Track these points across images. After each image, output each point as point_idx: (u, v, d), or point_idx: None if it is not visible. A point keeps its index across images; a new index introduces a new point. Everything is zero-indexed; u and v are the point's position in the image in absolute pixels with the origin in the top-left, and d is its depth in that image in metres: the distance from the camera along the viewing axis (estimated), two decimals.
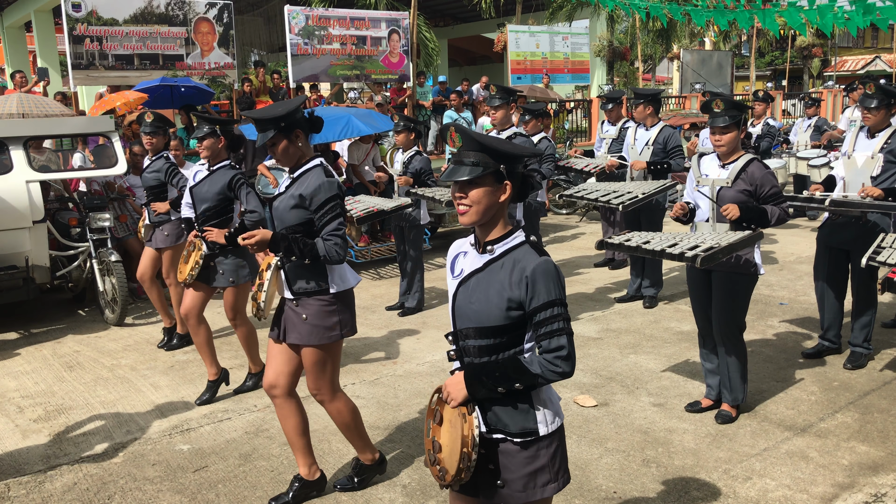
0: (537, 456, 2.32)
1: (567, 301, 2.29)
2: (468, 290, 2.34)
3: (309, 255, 3.41)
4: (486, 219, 2.29)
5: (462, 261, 2.42)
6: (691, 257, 3.98)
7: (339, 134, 8.43)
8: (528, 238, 2.33)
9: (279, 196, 3.56)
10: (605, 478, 3.92)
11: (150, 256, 6.15)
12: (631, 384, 5.15)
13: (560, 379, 2.25)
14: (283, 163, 3.50)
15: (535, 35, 16.84)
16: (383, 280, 8.33)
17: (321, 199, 3.42)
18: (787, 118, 18.78)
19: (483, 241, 2.34)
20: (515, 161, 2.29)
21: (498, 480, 2.33)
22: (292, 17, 13.17)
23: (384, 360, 5.78)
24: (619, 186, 6.36)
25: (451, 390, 2.33)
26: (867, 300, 5.33)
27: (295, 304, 3.55)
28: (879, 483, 3.80)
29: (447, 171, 2.29)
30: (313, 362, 3.61)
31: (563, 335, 2.23)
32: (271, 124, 3.42)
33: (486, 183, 2.25)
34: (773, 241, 9.61)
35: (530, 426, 2.31)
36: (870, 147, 5.20)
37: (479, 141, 2.24)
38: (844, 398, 4.83)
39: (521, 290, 2.23)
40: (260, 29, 22.07)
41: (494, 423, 2.33)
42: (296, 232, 3.50)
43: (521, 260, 2.26)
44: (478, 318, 2.30)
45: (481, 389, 2.28)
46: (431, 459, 2.41)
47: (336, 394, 3.72)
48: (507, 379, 2.25)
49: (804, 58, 33.99)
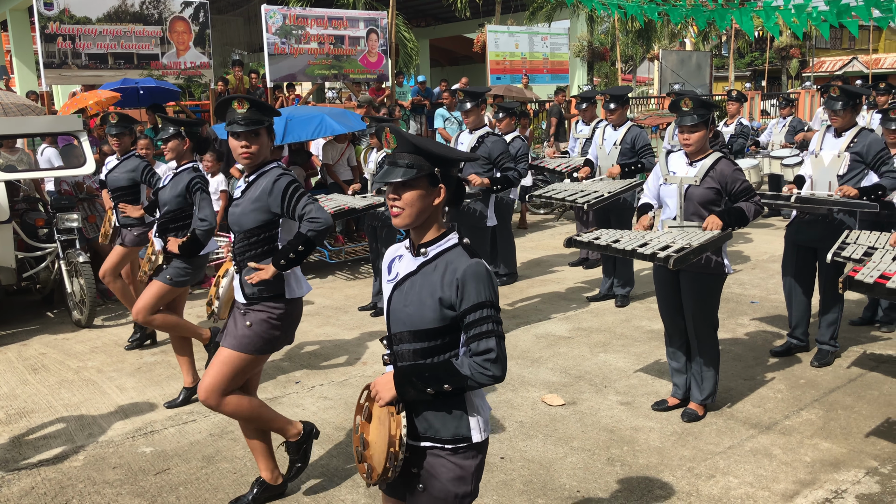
0: (464, 465, 2.30)
1: (540, 297, 2.28)
2: (402, 293, 2.32)
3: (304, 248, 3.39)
4: (420, 222, 2.27)
5: (397, 264, 2.40)
6: (663, 258, 3.98)
7: (313, 133, 8.38)
8: (461, 240, 2.31)
9: (236, 201, 3.53)
10: (570, 477, 3.91)
11: (119, 253, 6.08)
12: (599, 383, 5.15)
13: (491, 382, 2.22)
14: (256, 161, 3.44)
15: (515, 35, 16.86)
16: (357, 280, 8.30)
17: (282, 187, 3.39)
18: (765, 118, 18.90)
19: (417, 243, 2.32)
20: (450, 164, 2.27)
21: (419, 485, 2.31)
22: (269, 16, 13.11)
23: (354, 360, 5.74)
24: (587, 186, 6.37)
25: (380, 389, 2.31)
26: (834, 298, 5.36)
27: (243, 312, 3.50)
28: (840, 479, 3.82)
29: (381, 172, 2.28)
30: (228, 364, 3.46)
31: (493, 337, 2.20)
32: (270, 116, 3.39)
33: (419, 186, 2.23)
34: (747, 239, 9.67)
35: (463, 432, 2.29)
36: (836, 146, 5.24)
37: (413, 143, 2.22)
38: (810, 396, 4.85)
39: (453, 292, 2.21)
40: (240, 29, 21.97)
41: (425, 430, 2.30)
42: (254, 235, 3.46)
43: (453, 262, 2.25)
44: (412, 322, 2.28)
45: (410, 390, 2.25)
46: (359, 457, 2.39)
47: (224, 398, 3.51)
48: (436, 380, 2.23)
49: (783, 59, 34.26)
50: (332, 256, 8.68)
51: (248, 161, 3.42)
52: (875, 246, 4.55)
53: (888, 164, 5.11)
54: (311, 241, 3.39)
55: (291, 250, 3.39)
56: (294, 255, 3.39)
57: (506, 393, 4.98)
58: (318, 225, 3.37)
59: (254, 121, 3.34)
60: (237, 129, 3.33)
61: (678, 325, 4.62)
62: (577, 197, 5.89)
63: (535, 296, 7.35)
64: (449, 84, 16.14)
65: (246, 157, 3.40)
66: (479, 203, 6.18)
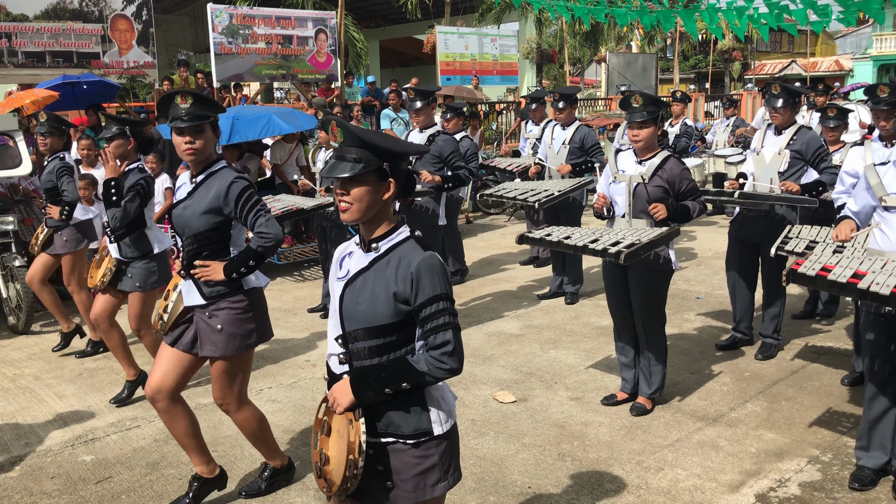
0: (428, 455, 2.27)
1: (491, 296, 2.26)
2: (355, 290, 2.27)
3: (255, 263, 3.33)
4: (369, 217, 2.23)
5: (348, 261, 2.35)
6: (614, 254, 4.01)
7: (260, 132, 8.25)
8: (413, 234, 2.28)
9: (181, 202, 3.43)
10: (521, 473, 3.91)
11: (43, 261, 5.89)
12: (550, 379, 5.17)
13: (448, 376, 2.20)
14: (200, 157, 3.34)
15: (464, 37, 16.90)
16: (307, 282, 8.20)
17: (236, 192, 3.31)
18: (709, 119, 19.31)
19: (367, 239, 2.28)
20: (399, 158, 2.24)
21: (388, 482, 2.27)
22: (216, 15, 12.86)
23: (303, 363, 5.66)
24: (537, 185, 6.41)
25: (337, 395, 2.26)
26: (776, 292, 5.49)
27: (208, 316, 3.41)
28: (784, 469, 3.90)
29: (328, 166, 2.22)
30: (223, 372, 3.47)
31: (449, 330, 2.18)
32: (215, 111, 3.31)
33: (368, 180, 2.19)
34: (692, 237, 9.85)
35: (424, 426, 2.26)
36: (777, 144, 5.36)
37: (361, 137, 2.17)
38: (754, 388, 4.95)
39: (407, 286, 2.18)
40: (186, 28, 21.53)
41: (386, 427, 2.27)
42: (205, 238, 3.38)
43: (406, 255, 2.21)
44: (366, 318, 2.23)
45: (368, 392, 2.21)
46: (318, 472, 2.32)
47: (243, 404, 3.59)
48: (393, 379, 2.19)
49: (725, 61, 35.12)
50: (281, 258, 8.56)
51: (191, 157, 3.33)
52: (816, 240, 4.68)
53: (827, 161, 5.26)
54: (261, 255, 3.34)
55: (242, 264, 3.34)
56: (245, 269, 3.35)
57: (457, 391, 4.96)
58: (268, 241, 3.33)
59: (197, 116, 3.25)
60: (180, 124, 3.25)
61: (627, 320, 4.67)
62: (528, 196, 5.92)
63: (486, 294, 7.36)
64: (399, 85, 16.10)
65: (190, 153, 3.31)
66: (430, 202, 6.16)
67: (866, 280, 3.24)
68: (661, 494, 3.68)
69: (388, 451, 2.27)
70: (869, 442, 3.74)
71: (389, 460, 2.27)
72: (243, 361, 3.53)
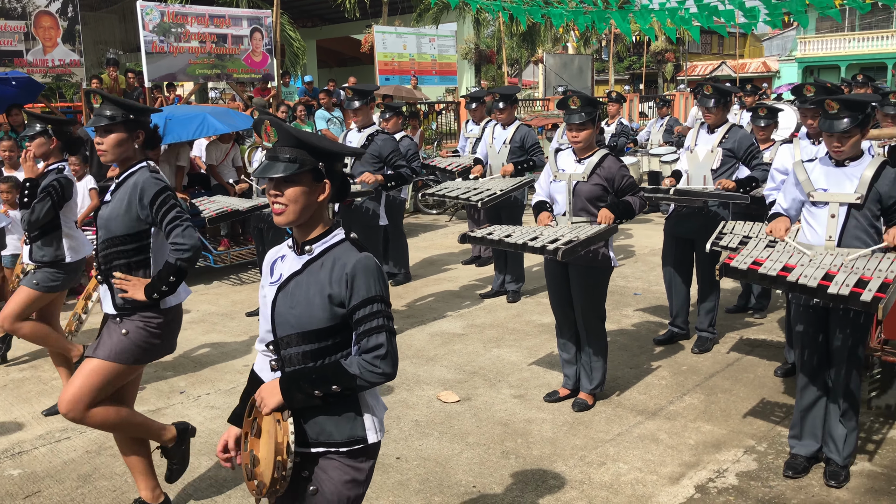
0: (359, 468, 2.24)
1: (434, 296, 2.24)
2: (288, 294, 2.21)
3: (175, 278, 3.19)
4: (304, 219, 2.18)
5: (280, 265, 2.29)
6: (552, 250, 4.05)
7: (194, 133, 8.05)
8: (348, 235, 2.24)
9: (105, 205, 3.32)
10: (466, 472, 3.90)
11: None
12: (493, 377, 5.18)
13: (381, 380, 2.16)
14: (109, 157, 3.25)
15: (402, 36, 16.85)
16: (244, 285, 8.03)
17: (150, 195, 3.20)
18: (643, 119, 19.72)
19: (301, 241, 2.23)
20: (334, 159, 2.19)
21: (311, 486, 2.22)
22: (146, 13, 12.49)
23: (242, 367, 5.54)
24: (478, 184, 6.43)
25: (265, 396, 2.20)
26: (711, 287, 5.62)
27: (118, 320, 3.28)
28: (721, 459, 3.99)
29: (261, 167, 2.15)
30: (98, 374, 3.22)
31: (383, 333, 2.13)
32: (121, 109, 3.20)
33: (303, 181, 2.13)
34: (629, 234, 10.03)
35: (358, 433, 2.22)
36: (710, 142, 5.50)
37: (296, 136, 2.12)
38: (692, 381, 5.05)
39: (342, 288, 2.14)
40: (115, 26, 20.90)
41: (318, 435, 2.22)
42: (123, 242, 3.25)
43: (341, 257, 2.17)
44: (300, 323, 2.18)
45: (297, 394, 2.16)
46: (248, 474, 2.26)
47: (90, 410, 3.27)
48: (324, 381, 2.13)
49: (658, 62, 35.97)
50: (217, 261, 8.37)
51: (102, 157, 3.27)
52: (749, 235, 4.81)
53: (758, 158, 5.43)
54: (181, 269, 3.20)
55: (163, 283, 3.19)
56: (167, 286, 3.19)
57: (401, 392, 4.93)
58: (185, 252, 3.19)
59: (104, 116, 3.19)
60: (93, 124, 3.20)
61: (568, 317, 4.71)
62: (471, 195, 5.93)
63: (428, 295, 7.33)
64: (337, 85, 15.96)
65: (99, 152, 3.26)
66: (370, 202, 6.10)
67: (795, 273, 3.34)
68: (604, 489, 3.72)
69: (318, 459, 2.23)
70: (801, 431, 3.85)
71: (316, 468, 2.23)
72: (124, 374, 3.32)
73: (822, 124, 3.62)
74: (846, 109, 3.53)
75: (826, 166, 3.71)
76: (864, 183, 3.56)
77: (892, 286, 3.11)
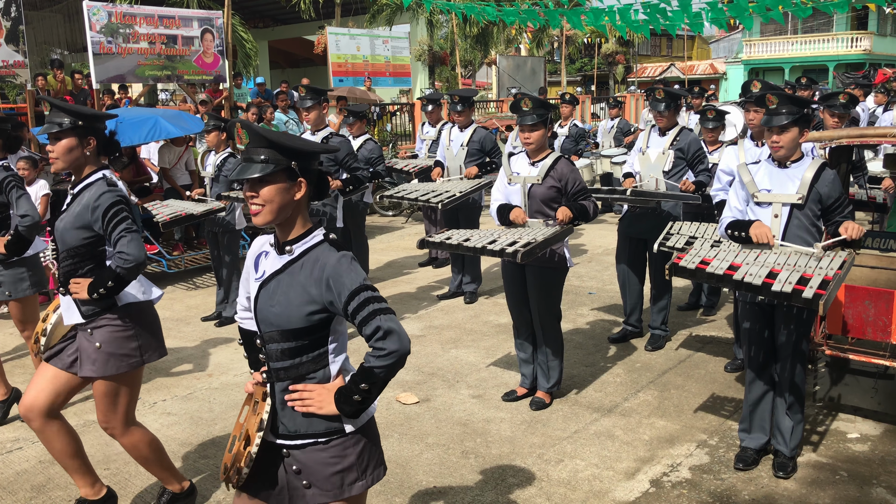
0: (344, 455, 2.27)
1: (391, 298, 2.29)
2: (269, 292, 2.26)
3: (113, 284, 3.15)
4: (282, 218, 2.22)
5: (264, 262, 2.33)
6: (511, 253, 4.11)
7: (146, 136, 7.94)
8: (327, 236, 2.28)
9: (61, 214, 3.28)
10: (426, 473, 3.94)
11: None
12: (452, 378, 5.23)
13: (393, 359, 2.17)
14: (61, 165, 3.21)
15: (356, 38, 16.80)
16: (199, 290, 7.94)
17: (103, 207, 3.16)
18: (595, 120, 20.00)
19: (282, 241, 2.27)
20: (308, 157, 2.23)
21: (304, 481, 2.28)
22: (92, 13, 12.21)
23: (198, 373, 5.49)
24: (437, 186, 6.47)
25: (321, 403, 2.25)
26: (663, 286, 5.76)
27: (89, 333, 3.25)
28: (675, 454, 4.10)
29: (237, 169, 2.19)
30: (104, 393, 3.27)
31: (377, 316, 2.17)
32: (69, 116, 3.15)
33: (278, 180, 2.17)
34: (583, 234, 10.19)
35: (335, 424, 2.26)
36: (661, 144, 5.63)
37: (267, 137, 2.16)
38: (646, 378, 5.17)
39: (323, 290, 2.18)
40: (60, 26, 20.37)
41: (297, 429, 2.27)
42: (79, 254, 3.23)
43: (320, 259, 2.21)
44: (279, 321, 2.23)
45: (344, 406, 2.22)
46: (224, 472, 2.33)
47: (130, 427, 3.37)
48: (355, 384, 2.20)
49: (609, 64, 36.50)
50: (172, 266, 8.26)
51: (53, 165, 3.24)
52: (696, 235, 4.95)
53: (704, 163, 5.60)
54: (120, 277, 3.16)
55: (101, 285, 3.15)
56: (104, 290, 3.15)
57: None
58: (127, 263, 3.15)
59: (53, 122, 3.16)
60: (43, 132, 3.19)
61: (525, 317, 4.78)
62: (430, 197, 5.96)
63: (386, 297, 7.32)
64: (290, 86, 15.85)
65: (50, 160, 3.23)
66: (327, 205, 6.09)
67: (741, 271, 3.46)
68: (562, 485, 3.79)
69: (304, 452, 2.28)
70: (750, 424, 3.99)
71: (304, 462, 2.28)
72: (127, 382, 3.33)
73: (763, 120, 3.76)
74: (785, 104, 3.67)
75: (769, 168, 3.84)
76: (805, 184, 3.70)
77: (831, 283, 3.25)
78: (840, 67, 32.36)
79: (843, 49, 34.87)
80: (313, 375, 2.26)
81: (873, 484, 3.75)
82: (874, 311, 4.22)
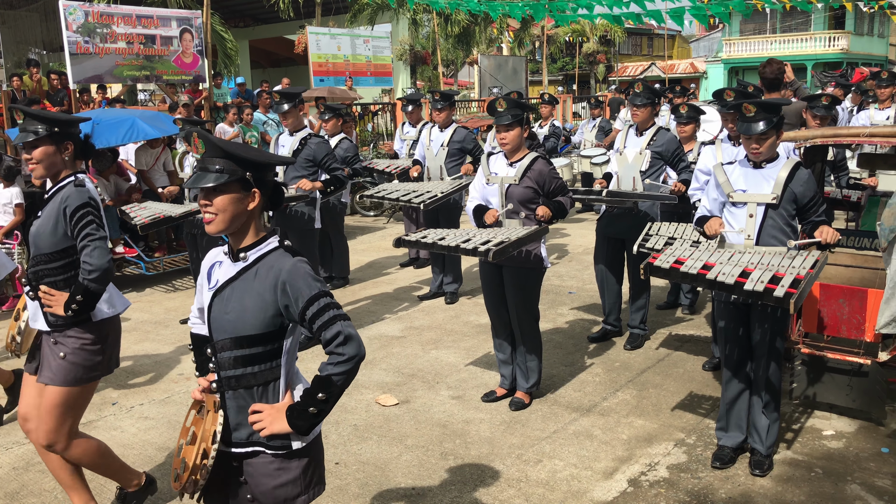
0: (288, 468, 2.28)
1: (372, 298, 2.28)
2: (223, 300, 2.26)
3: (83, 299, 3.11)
4: (235, 227, 2.23)
5: (217, 271, 2.33)
6: (484, 252, 4.11)
7: (123, 138, 7.86)
8: (282, 243, 2.29)
9: (35, 220, 3.25)
10: (405, 475, 3.93)
11: None
12: (431, 379, 5.23)
13: (352, 365, 2.19)
14: (40, 173, 3.19)
15: (336, 37, 16.76)
16: (178, 292, 7.88)
17: (70, 210, 3.13)
18: (577, 120, 20.07)
19: (235, 249, 2.28)
20: (262, 168, 2.24)
21: (248, 495, 2.29)
22: (69, 12, 12.10)
23: (177, 377, 5.45)
24: (418, 186, 6.46)
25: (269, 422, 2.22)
26: (642, 285, 5.79)
27: (53, 342, 3.20)
28: (653, 453, 4.12)
29: (192, 177, 2.20)
30: (57, 404, 3.19)
31: (335, 322, 2.18)
32: (44, 123, 3.13)
33: (231, 190, 2.18)
34: (563, 234, 10.22)
35: (284, 441, 2.26)
36: (638, 144, 5.65)
37: (222, 148, 2.18)
38: (624, 377, 5.20)
39: (279, 294, 2.19)
40: (36, 26, 20.16)
41: (249, 435, 2.28)
42: (53, 259, 3.19)
43: (275, 265, 2.22)
44: (233, 329, 2.22)
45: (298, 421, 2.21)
46: (175, 477, 2.32)
47: (74, 439, 3.27)
48: (310, 397, 2.18)
49: (590, 63, 36.65)
50: (150, 268, 8.19)
51: (33, 174, 3.22)
52: (675, 236, 4.97)
53: (685, 161, 5.63)
54: (88, 290, 3.11)
55: (72, 301, 3.11)
56: (77, 305, 3.11)
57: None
58: (91, 273, 3.10)
59: (28, 131, 3.13)
60: (20, 141, 3.15)
61: (503, 318, 4.79)
62: (412, 197, 5.95)
63: (367, 297, 7.33)
64: (271, 86, 15.77)
65: (29, 169, 3.23)
66: (305, 206, 6.07)
67: (714, 271, 3.48)
68: (541, 486, 3.80)
69: (252, 461, 2.28)
70: (727, 423, 4.02)
71: (251, 471, 2.28)
72: (84, 394, 3.28)
73: (739, 127, 3.78)
74: (762, 112, 3.70)
75: (745, 168, 3.87)
76: (780, 184, 3.73)
77: (803, 282, 3.28)
78: (818, 66, 32.73)
79: (821, 48, 35.21)
80: (264, 386, 2.26)
81: (848, 480, 3.79)
82: (849, 309, 4.27)
